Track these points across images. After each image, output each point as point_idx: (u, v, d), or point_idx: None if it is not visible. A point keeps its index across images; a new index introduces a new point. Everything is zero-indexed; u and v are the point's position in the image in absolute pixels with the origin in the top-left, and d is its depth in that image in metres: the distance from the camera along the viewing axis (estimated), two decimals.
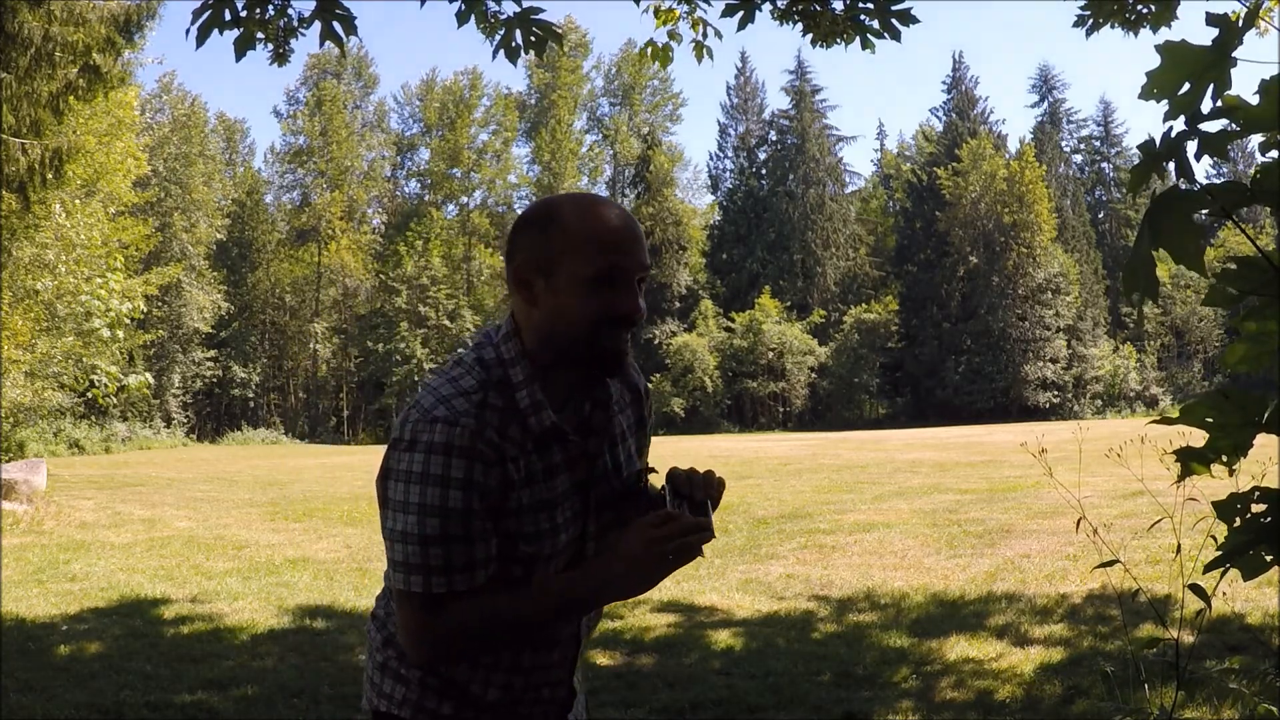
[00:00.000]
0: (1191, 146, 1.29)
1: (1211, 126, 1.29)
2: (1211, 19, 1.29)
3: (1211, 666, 4.23)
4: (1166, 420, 1.42)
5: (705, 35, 5.68)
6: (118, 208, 21.20)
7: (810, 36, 5.13)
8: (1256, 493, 1.42)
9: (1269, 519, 1.40)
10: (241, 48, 4.60)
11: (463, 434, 1.49)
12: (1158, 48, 1.34)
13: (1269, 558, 1.42)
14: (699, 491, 1.63)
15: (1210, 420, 1.38)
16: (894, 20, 4.83)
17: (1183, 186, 1.27)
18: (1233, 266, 1.31)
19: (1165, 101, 1.34)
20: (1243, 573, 1.46)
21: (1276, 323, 1.34)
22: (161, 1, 14.26)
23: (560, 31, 5.01)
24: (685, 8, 5.66)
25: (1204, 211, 1.26)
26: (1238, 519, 1.42)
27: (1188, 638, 4.61)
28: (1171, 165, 1.29)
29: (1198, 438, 1.43)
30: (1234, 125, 1.28)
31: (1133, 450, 3.71)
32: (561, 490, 1.62)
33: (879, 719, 4.37)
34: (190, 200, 45.05)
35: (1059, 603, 6.29)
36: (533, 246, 1.58)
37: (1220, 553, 1.44)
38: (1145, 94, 1.34)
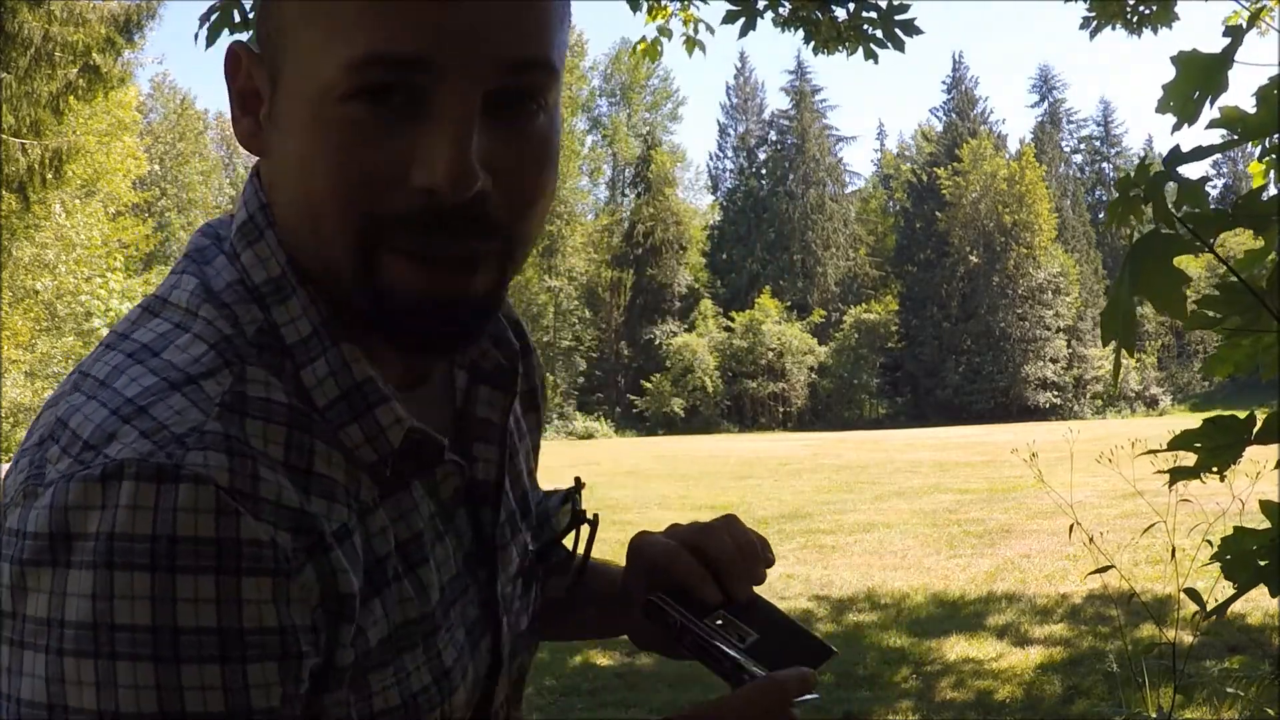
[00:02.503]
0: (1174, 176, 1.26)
1: (1210, 137, 1.30)
2: (1229, 29, 1.28)
3: (1211, 667, 4.24)
4: (1155, 451, 1.43)
5: (697, 30, 5.68)
6: (117, 207, 21.23)
7: (811, 44, 5.13)
8: None
9: None
10: None
11: (200, 501, 0.56)
12: (1173, 59, 1.33)
13: None
14: (742, 583, 0.81)
15: (1199, 445, 1.38)
16: (898, 29, 4.84)
17: (1163, 230, 1.21)
18: (1215, 293, 1.31)
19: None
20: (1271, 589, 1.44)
21: (1252, 339, 1.35)
22: (161, 1, 14.26)
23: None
24: (678, 4, 5.67)
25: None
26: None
27: (1187, 638, 4.61)
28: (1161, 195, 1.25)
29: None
30: (1232, 134, 1.29)
31: (1131, 452, 3.71)
32: (441, 587, 0.71)
33: (879, 719, 4.37)
34: (188, 199, 45.06)
35: (1059, 603, 6.29)
36: (263, 2, 0.67)
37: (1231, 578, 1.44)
38: (1162, 107, 1.33)
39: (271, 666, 0.58)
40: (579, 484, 0.87)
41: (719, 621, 0.74)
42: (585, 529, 0.84)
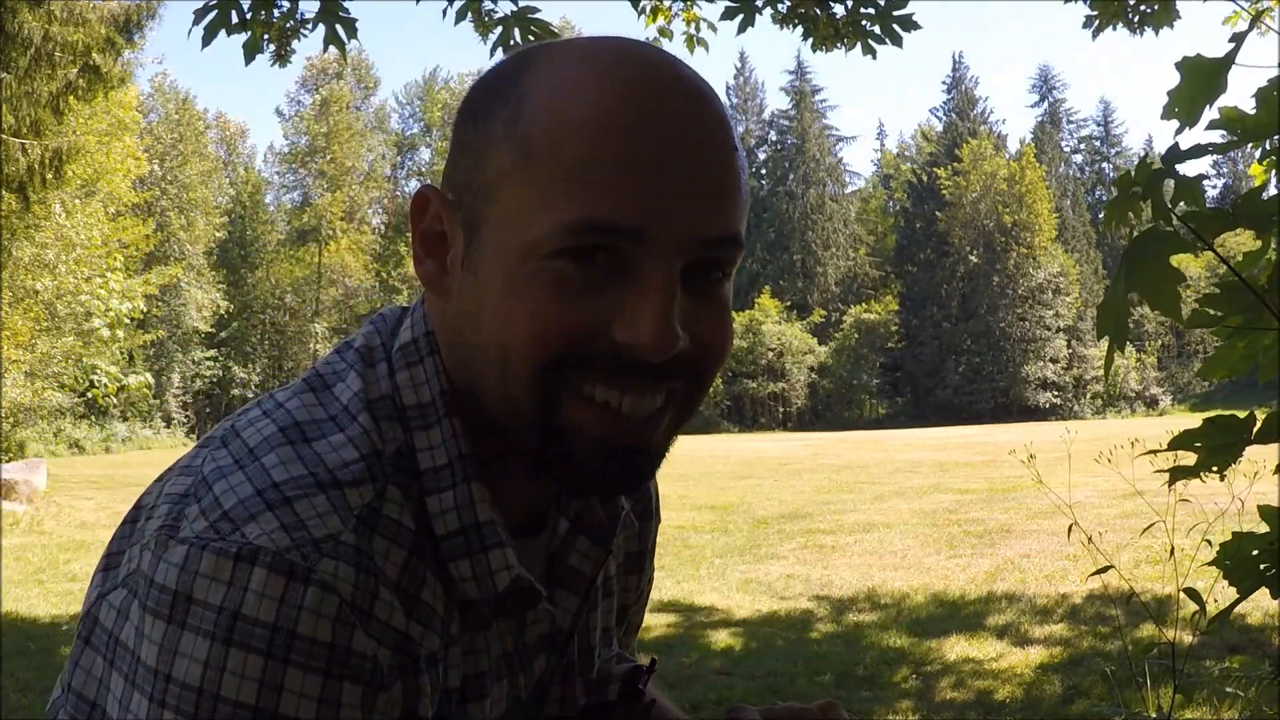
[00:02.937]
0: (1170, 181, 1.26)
1: (1211, 137, 1.29)
2: (1235, 36, 1.28)
3: (1211, 667, 4.24)
4: (1155, 452, 1.43)
5: (699, 29, 5.68)
6: (117, 207, 21.22)
7: (810, 41, 5.13)
8: None
9: None
10: (250, 51, 4.60)
11: (324, 608, 0.61)
12: (1177, 65, 1.33)
13: None
14: None
15: (1199, 445, 1.39)
16: (896, 25, 4.84)
17: (1161, 227, 1.22)
18: (1216, 291, 1.32)
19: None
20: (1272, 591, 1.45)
21: (1249, 341, 1.35)
22: (161, 1, 14.27)
23: (558, 32, 5.01)
24: (680, 4, 5.67)
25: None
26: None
27: (1187, 638, 4.61)
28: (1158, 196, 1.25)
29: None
30: (1232, 135, 1.28)
31: (1131, 452, 3.71)
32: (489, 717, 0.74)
33: (879, 719, 4.37)
34: (188, 200, 45.06)
35: (1059, 603, 6.29)
36: (465, 142, 0.69)
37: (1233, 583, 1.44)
38: (1167, 113, 1.33)
39: None
40: (653, 667, 0.87)
41: None
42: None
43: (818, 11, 4.91)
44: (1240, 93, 1.37)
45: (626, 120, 0.63)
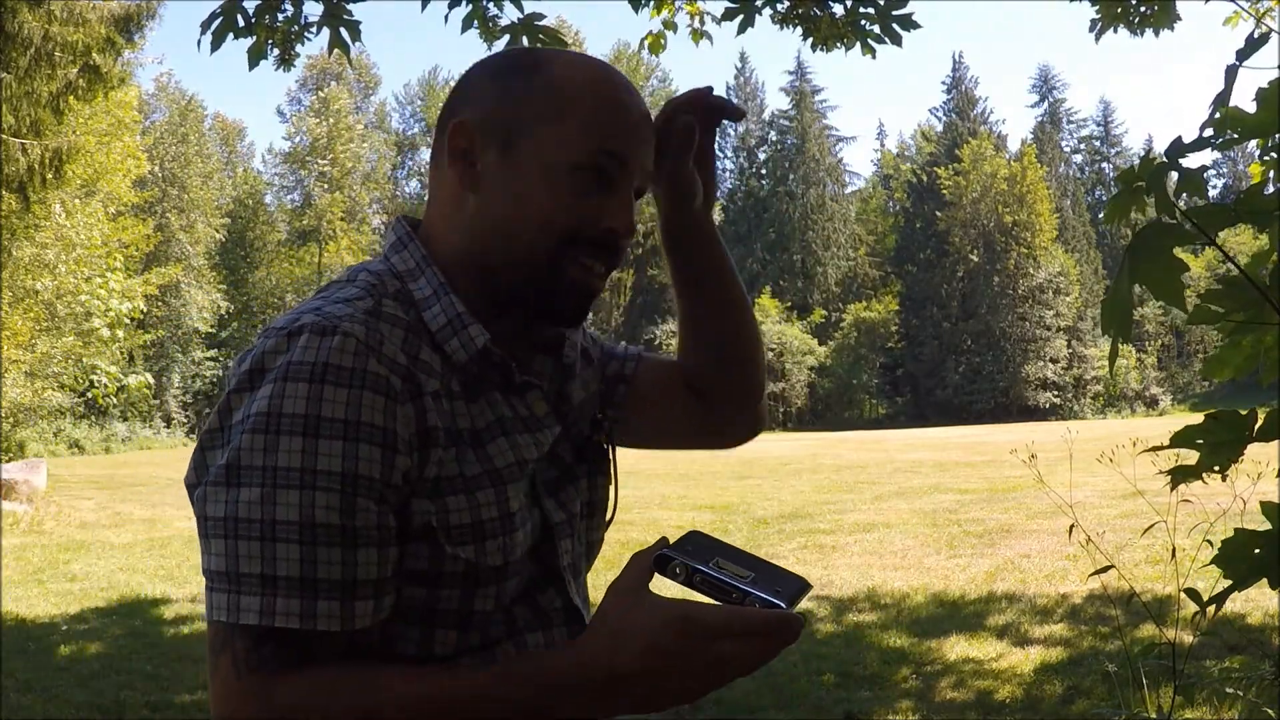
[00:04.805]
0: (1173, 175, 1.26)
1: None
2: (1251, 40, 1.28)
3: (1211, 667, 4.24)
4: (1157, 449, 1.43)
5: (703, 22, 5.69)
6: (117, 207, 21.22)
7: (810, 40, 5.13)
8: None
9: None
10: (255, 57, 4.63)
11: (345, 346, 0.88)
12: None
13: None
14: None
15: (1201, 442, 1.38)
16: (895, 25, 4.84)
17: (1165, 220, 1.23)
18: (1218, 287, 1.31)
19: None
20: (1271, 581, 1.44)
21: (1253, 339, 1.34)
22: (161, 1, 14.27)
23: (565, 40, 5.02)
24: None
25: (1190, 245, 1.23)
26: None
27: (1187, 638, 4.61)
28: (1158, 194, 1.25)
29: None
30: (1233, 133, 1.28)
31: (1131, 452, 3.71)
32: (507, 463, 0.99)
33: (879, 719, 4.37)
34: (188, 200, 45.06)
35: (1059, 603, 6.29)
36: (498, 96, 1.01)
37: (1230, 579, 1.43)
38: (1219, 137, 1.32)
39: (376, 450, 0.88)
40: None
41: (720, 565, 0.88)
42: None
43: (817, 11, 4.91)
44: (1241, 93, 1.37)
45: (616, 96, 1.02)
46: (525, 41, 4.73)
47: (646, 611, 0.84)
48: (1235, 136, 1.28)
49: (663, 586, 0.87)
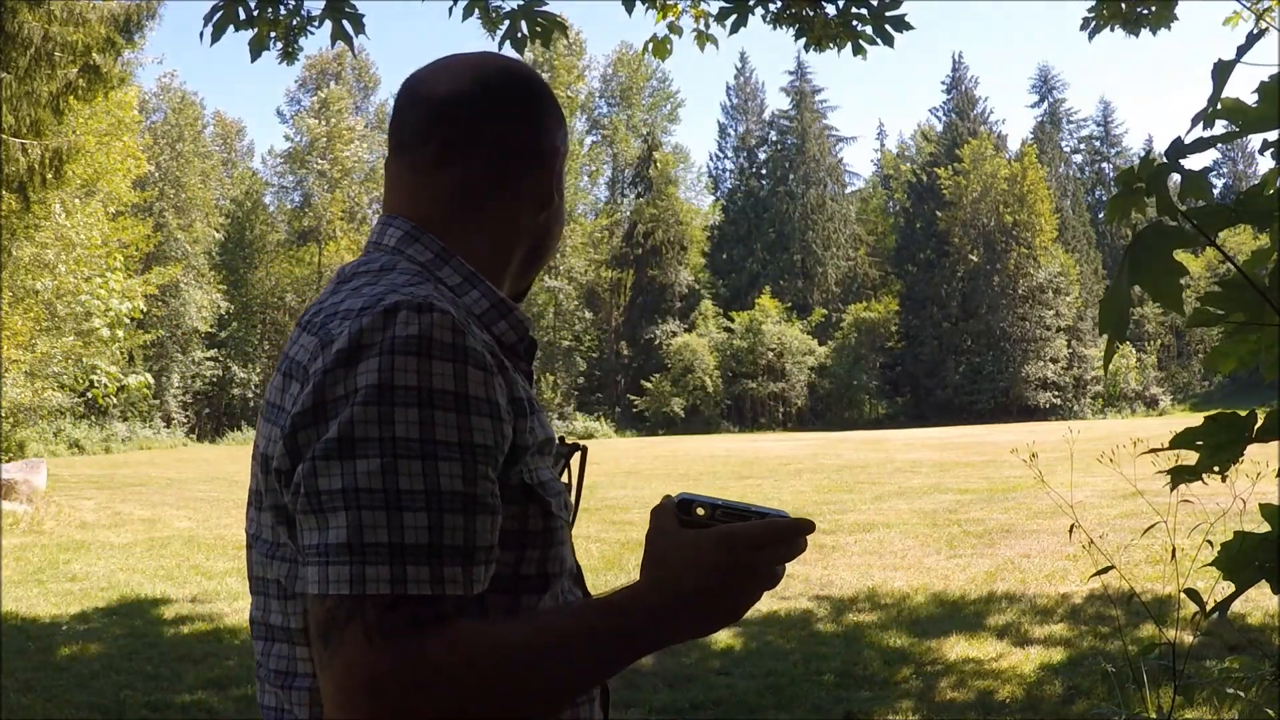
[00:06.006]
0: (1175, 176, 1.25)
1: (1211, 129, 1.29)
2: (1251, 36, 1.27)
3: (1211, 667, 4.24)
4: (1157, 450, 1.43)
5: (708, 25, 5.69)
6: (117, 207, 21.22)
7: (804, 40, 5.13)
8: None
9: None
10: (256, 48, 4.62)
11: (444, 322, 0.92)
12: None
13: None
14: None
15: (1201, 443, 1.38)
16: (888, 26, 4.84)
17: (1165, 221, 1.23)
18: (1217, 289, 1.31)
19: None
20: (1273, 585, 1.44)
21: (1256, 339, 1.34)
22: (161, 1, 14.26)
23: (564, 23, 5.01)
24: (688, 1, 5.68)
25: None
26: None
27: (1187, 638, 4.61)
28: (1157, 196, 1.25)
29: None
30: (1233, 126, 1.28)
31: (1131, 452, 3.71)
32: (549, 434, 1.07)
33: (879, 719, 4.37)
34: (187, 200, 45.07)
35: (1059, 603, 6.29)
36: (538, 119, 1.13)
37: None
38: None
39: (485, 420, 0.91)
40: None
41: (727, 502, 0.99)
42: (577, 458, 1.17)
43: (810, 12, 4.91)
44: (1242, 93, 1.37)
45: None
46: (524, 28, 4.74)
47: (694, 538, 0.94)
48: (1236, 129, 1.28)
49: None
